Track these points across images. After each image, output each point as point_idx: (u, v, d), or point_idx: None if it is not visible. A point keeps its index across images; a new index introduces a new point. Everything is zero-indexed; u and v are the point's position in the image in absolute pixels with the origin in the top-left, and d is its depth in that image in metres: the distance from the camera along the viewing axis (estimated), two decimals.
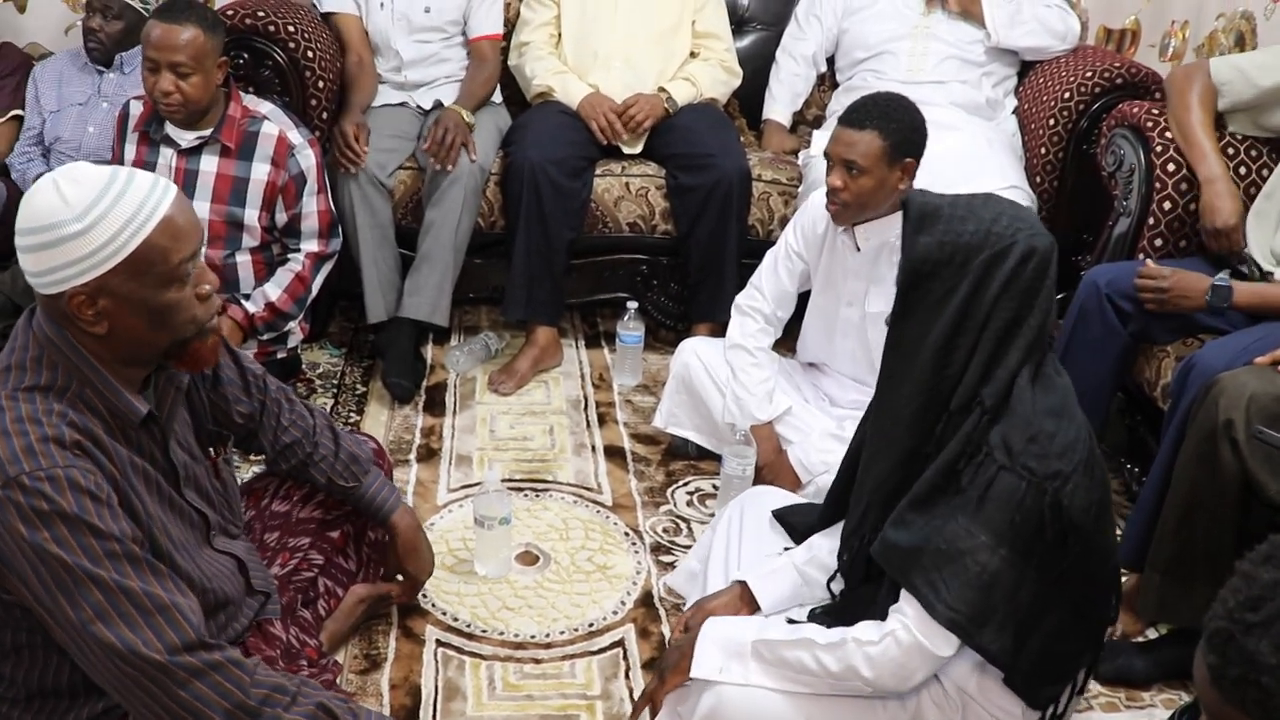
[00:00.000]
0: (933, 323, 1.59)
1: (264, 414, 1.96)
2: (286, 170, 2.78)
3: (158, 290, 1.49)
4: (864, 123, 2.35)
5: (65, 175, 1.46)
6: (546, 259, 3.07)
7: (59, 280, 1.44)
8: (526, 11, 3.39)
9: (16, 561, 1.43)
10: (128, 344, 1.52)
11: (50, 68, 3.73)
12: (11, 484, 1.40)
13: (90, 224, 1.42)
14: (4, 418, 1.45)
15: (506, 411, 3.01)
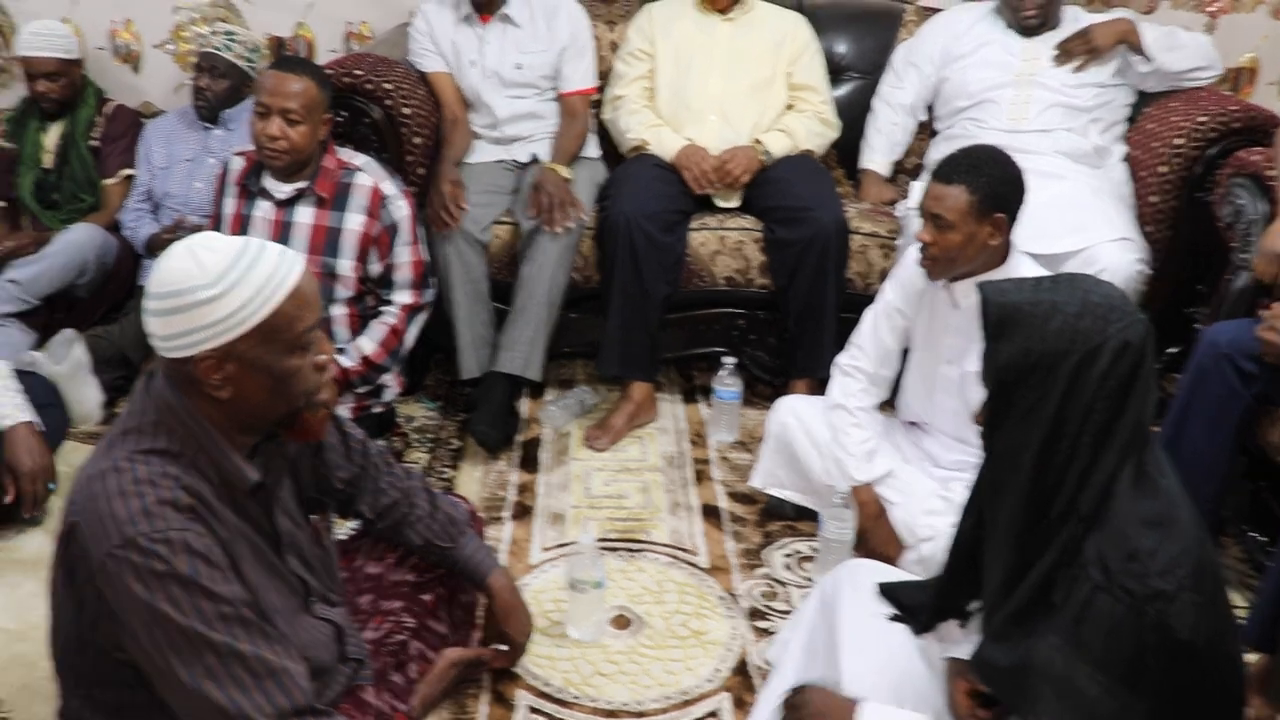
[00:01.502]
0: (1026, 433, 1.49)
1: (364, 478, 1.97)
2: (380, 221, 2.81)
3: (282, 357, 1.52)
4: (952, 177, 2.30)
5: (199, 243, 1.51)
6: (642, 314, 3.04)
7: (189, 344, 1.47)
8: (620, 66, 3.39)
9: (130, 620, 1.45)
10: (247, 410, 1.55)
11: (160, 125, 3.85)
12: (129, 544, 1.43)
13: (225, 290, 1.46)
14: (123, 479, 1.47)
15: (601, 468, 2.98)
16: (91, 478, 1.50)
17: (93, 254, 3.56)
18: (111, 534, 1.44)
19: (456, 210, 2.99)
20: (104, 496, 1.46)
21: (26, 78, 3.73)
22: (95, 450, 1.58)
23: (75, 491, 1.53)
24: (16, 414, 2.62)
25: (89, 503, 1.47)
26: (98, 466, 1.51)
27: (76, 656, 1.61)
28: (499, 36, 3.27)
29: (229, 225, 2.86)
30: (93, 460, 1.54)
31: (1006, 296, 1.53)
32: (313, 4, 3.98)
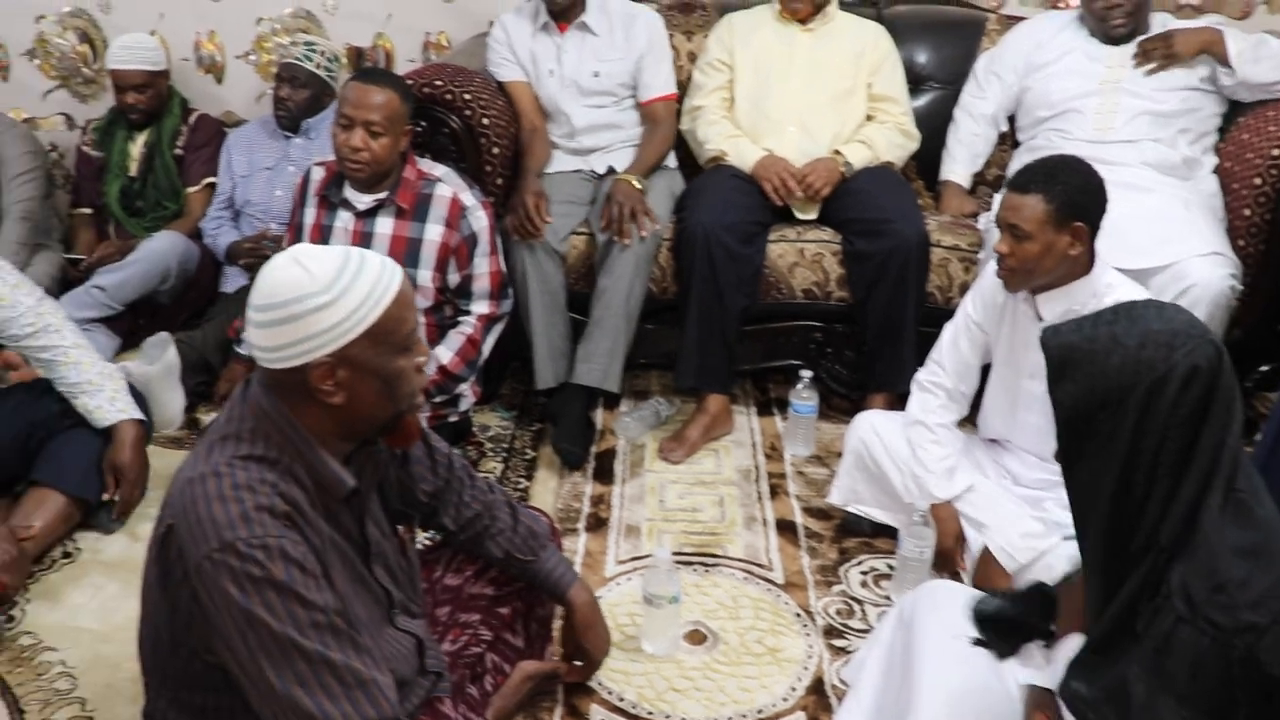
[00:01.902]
0: (1102, 470, 1.44)
1: (448, 490, 1.97)
2: (459, 231, 2.82)
3: (391, 359, 1.54)
4: (1028, 186, 2.27)
5: (302, 253, 1.53)
6: (719, 326, 3.02)
7: (301, 353, 1.49)
8: (699, 76, 3.38)
9: (224, 623, 1.47)
10: (356, 415, 1.57)
11: (242, 134, 3.90)
12: (227, 548, 1.44)
13: (338, 295, 1.48)
14: (222, 484, 1.49)
15: (676, 481, 2.96)
16: (190, 481, 1.51)
17: (175, 261, 3.63)
18: (210, 538, 1.45)
19: (540, 222, 2.99)
20: (203, 500, 1.48)
21: (115, 90, 3.81)
22: (193, 454, 1.60)
23: (173, 494, 1.54)
24: (131, 410, 2.67)
25: (188, 506, 1.49)
26: (196, 470, 1.52)
27: (167, 658, 1.63)
28: (577, 45, 3.27)
29: (309, 235, 2.89)
30: (191, 464, 1.56)
31: (1064, 337, 1.49)
32: (392, 15, 4.01)
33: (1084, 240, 2.28)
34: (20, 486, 2.70)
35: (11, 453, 2.66)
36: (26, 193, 3.78)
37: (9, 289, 2.61)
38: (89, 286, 3.53)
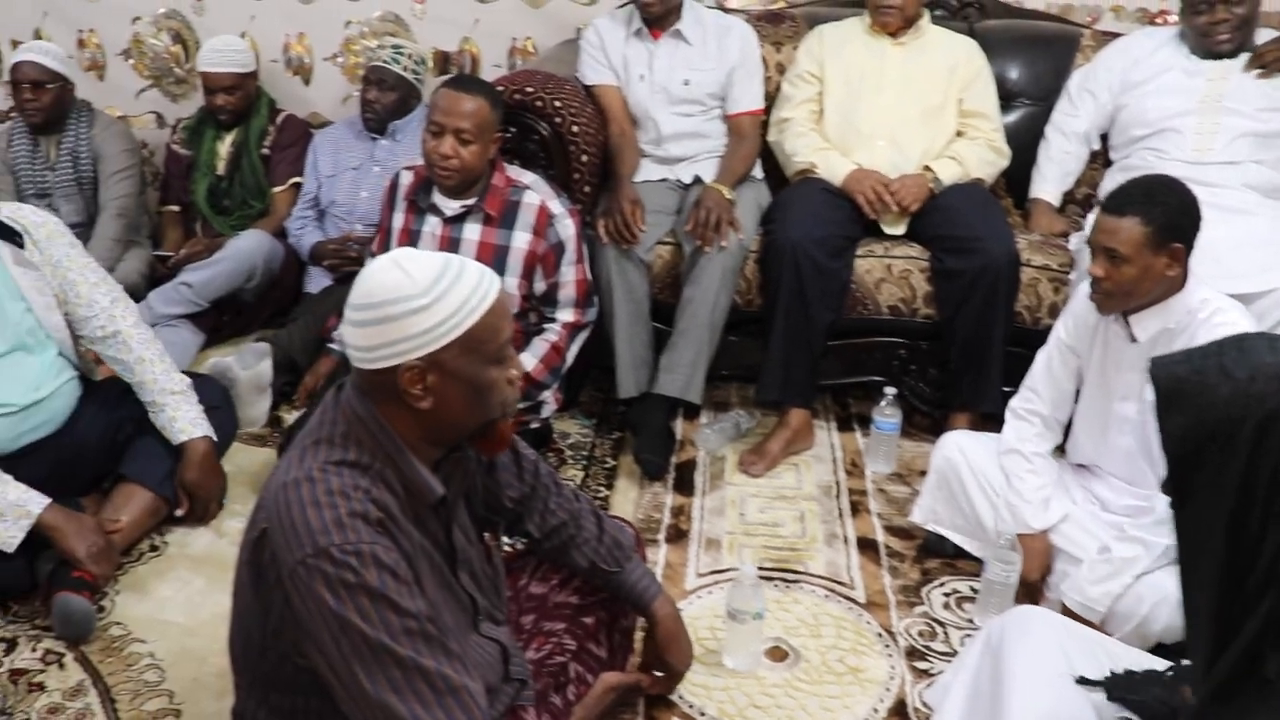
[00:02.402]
0: (1214, 504, 1.37)
1: (534, 498, 1.97)
2: (546, 239, 2.82)
3: (483, 368, 1.55)
4: (1125, 208, 2.23)
5: (403, 256, 1.54)
6: (805, 340, 3.00)
7: (394, 354, 1.50)
8: (788, 88, 3.36)
9: (317, 628, 1.47)
10: (444, 422, 1.57)
11: (328, 135, 3.95)
12: (322, 554, 1.45)
13: (435, 299, 1.49)
14: (315, 489, 1.49)
15: (756, 494, 2.94)
16: (285, 485, 1.52)
17: (261, 260, 3.67)
18: (304, 543, 1.46)
19: (637, 229, 2.98)
20: (297, 505, 1.49)
21: (204, 91, 3.87)
22: (286, 458, 1.61)
23: (266, 498, 1.55)
24: (193, 429, 2.69)
25: (281, 511, 1.50)
26: (290, 475, 1.53)
27: (257, 659, 1.64)
28: (669, 53, 3.27)
29: (397, 239, 2.91)
30: (285, 468, 1.57)
31: (1172, 369, 1.44)
32: (479, 20, 4.04)
33: (1181, 261, 2.24)
34: (107, 482, 2.74)
35: (100, 448, 2.70)
36: (123, 190, 3.85)
37: (89, 287, 2.64)
38: (176, 283, 3.58)
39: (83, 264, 2.65)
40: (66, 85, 3.80)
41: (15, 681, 2.25)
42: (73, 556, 2.42)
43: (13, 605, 2.46)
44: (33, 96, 3.73)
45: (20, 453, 2.56)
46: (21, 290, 2.53)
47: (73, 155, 3.85)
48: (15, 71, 3.73)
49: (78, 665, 2.30)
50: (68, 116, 3.84)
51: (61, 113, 3.81)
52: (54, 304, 2.59)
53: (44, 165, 3.86)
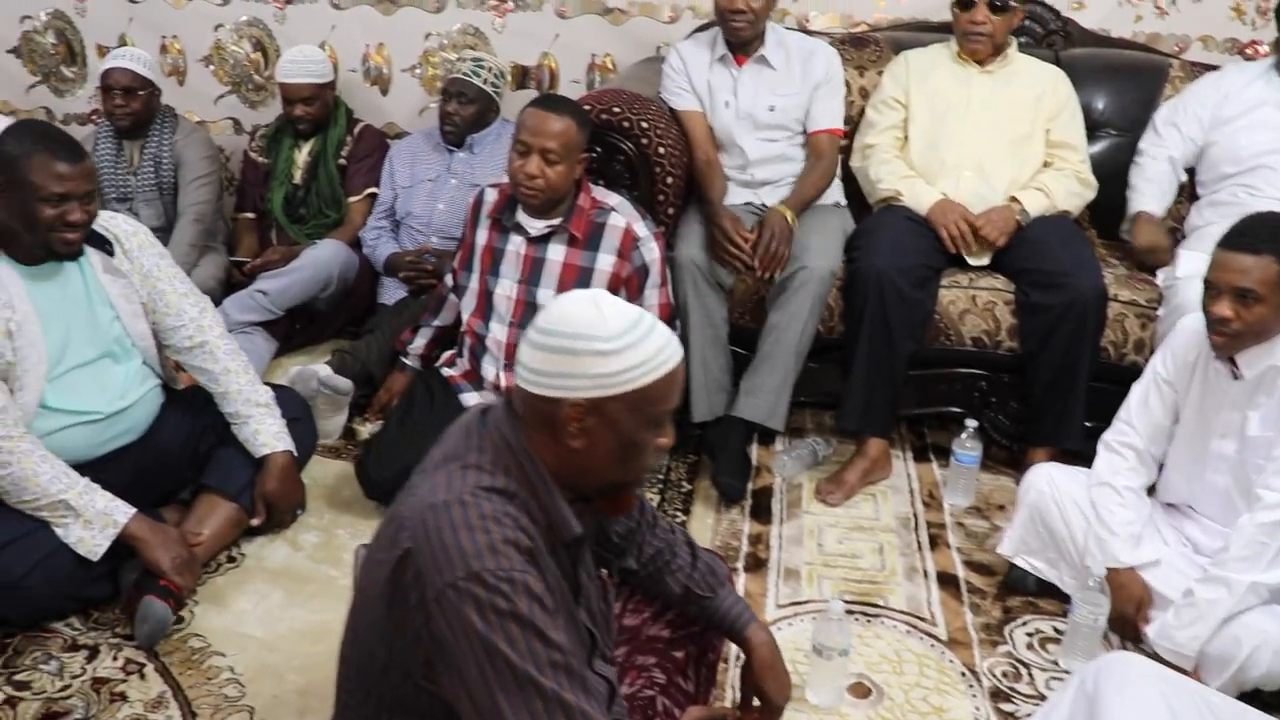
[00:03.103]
0: None
1: (636, 532, 1.95)
2: (630, 262, 2.81)
3: (640, 428, 1.54)
4: (1258, 247, 2.19)
5: (603, 298, 1.55)
6: (887, 370, 2.96)
7: (564, 388, 1.50)
8: (872, 113, 3.33)
9: (461, 652, 1.45)
10: (587, 468, 1.57)
11: (405, 146, 3.96)
12: (474, 578, 1.43)
13: (620, 348, 1.49)
14: (468, 513, 1.48)
15: (834, 524, 2.91)
16: (433, 507, 1.50)
17: (337, 270, 3.69)
18: (455, 566, 1.44)
19: (744, 242, 2.98)
20: (448, 528, 1.47)
21: (282, 101, 3.90)
22: (424, 479, 1.59)
23: (410, 519, 1.53)
24: (276, 443, 2.70)
25: (431, 532, 1.48)
26: (438, 497, 1.52)
27: (376, 678, 1.62)
28: (754, 78, 3.24)
29: (480, 257, 2.90)
30: (429, 489, 1.55)
31: None
32: (559, 35, 4.04)
33: None
34: (186, 493, 2.75)
35: (181, 457, 2.72)
36: (202, 196, 3.89)
37: (178, 297, 2.66)
38: (252, 290, 3.60)
39: (171, 274, 2.67)
40: (155, 91, 3.86)
41: (97, 690, 2.26)
42: (157, 568, 2.43)
43: (94, 613, 2.48)
44: (123, 102, 3.79)
45: (103, 460, 2.58)
46: (110, 298, 2.55)
47: (155, 160, 3.89)
48: (107, 77, 3.79)
49: (158, 676, 2.31)
50: (153, 122, 3.89)
51: (148, 118, 3.87)
52: (141, 312, 2.61)
53: (126, 169, 3.91)
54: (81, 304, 2.51)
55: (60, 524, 2.39)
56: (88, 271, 2.51)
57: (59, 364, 2.47)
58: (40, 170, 2.30)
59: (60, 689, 2.26)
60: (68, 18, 4.51)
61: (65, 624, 2.44)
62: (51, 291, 2.45)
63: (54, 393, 2.47)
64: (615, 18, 3.96)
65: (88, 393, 2.53)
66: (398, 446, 2.78)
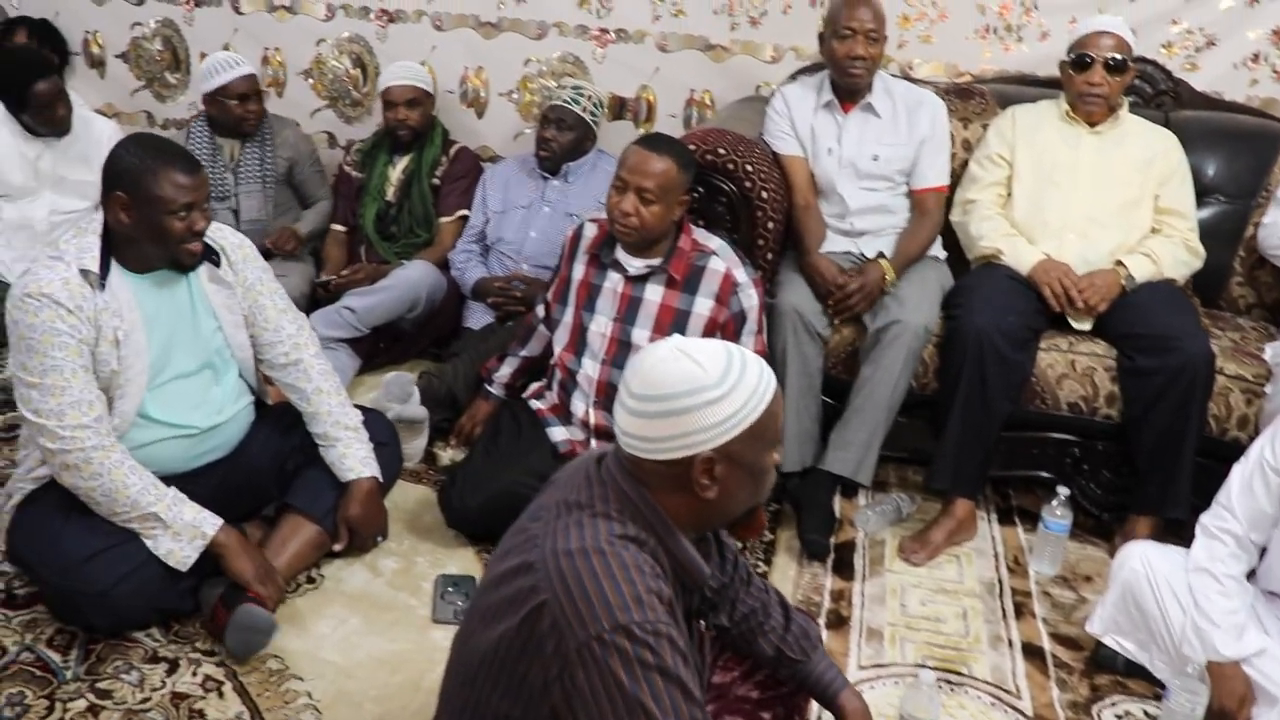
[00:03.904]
0: None
1: (730, 586, 1.92)
2: (729, 307, 2.78)
3: (763, 454, 1.55)
4: None
5: (687, 345, 1.54)
6: (980, 431, 2.90)
7: (687, 446, 1.50)
8: (975, 168, 3.28)
9: (600, 704, 1.44)
10: (719, 509, 1.57)
11: (499, 171, 3.97)
12: (620, 630, 1.42)
13: (729, 390, 1.49)
14: (609, 562, 1.47)
15: (917, 585, 2.85)
16: (569, 555, 1.49)
17: (425, 291, 3.69)
18: (600, 618, 1.42)
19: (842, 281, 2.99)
20: (590, 577, 1.46)
21: (385, 107, 3.92)
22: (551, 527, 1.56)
23: (543, 568, 1.51)
24: (362, 468, 2.70)
25: (571, 582, 1.46)
26: (574, 544, 1.50)
27: None
28: (859, 126, 3.21)
29: (575, 292, 2.89)
30: (560, 537, 1.53)
31: None
32: (659, 68, 4.03)
33: None
34: (269, 509, 2.76)
35: (267, 475, 2.72)
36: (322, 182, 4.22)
37: (277, 313, 2.67)
38: (339, 307, 3.62)
39: (273, 289, 2.68)
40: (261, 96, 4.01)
41: (176, 705, 2.26)
42: (241, 578, 2.44)
43: (175, 625, 2.48)
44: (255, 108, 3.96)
45: (191, 473, 2.59)
46: (214, 307, 2.56)
47: (259, 156, 4.01)
48: (230, 89, 3.88)
49: (236, 696, 2.30)
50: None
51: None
52: (242, 323, 2.62)
53: (224, 168, 3.97)
54: (186, 314, 2.52)
55: (150, 535, 2.40)
56: (194, 281, 2.53)
57: (160, 374, 2.48)
58: (167, 183, 2.33)
59: (140, 701, 2.27)
60: (176, 26, 4.59)
61: (147, 634, 2.45)
62: (159, 300, 2.47)
63: (153, 403, 2.49)
64: (717, 54, 3.95)
65: (185, 406, 2.55)
66: (482, 477, 2.77)
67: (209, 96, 3.90)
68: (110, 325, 2.37)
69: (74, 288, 2.33)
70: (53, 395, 2.32)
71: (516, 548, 1.61)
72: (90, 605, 2.37)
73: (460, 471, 2.85)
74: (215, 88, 3.87)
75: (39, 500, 2.46)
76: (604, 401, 2.81)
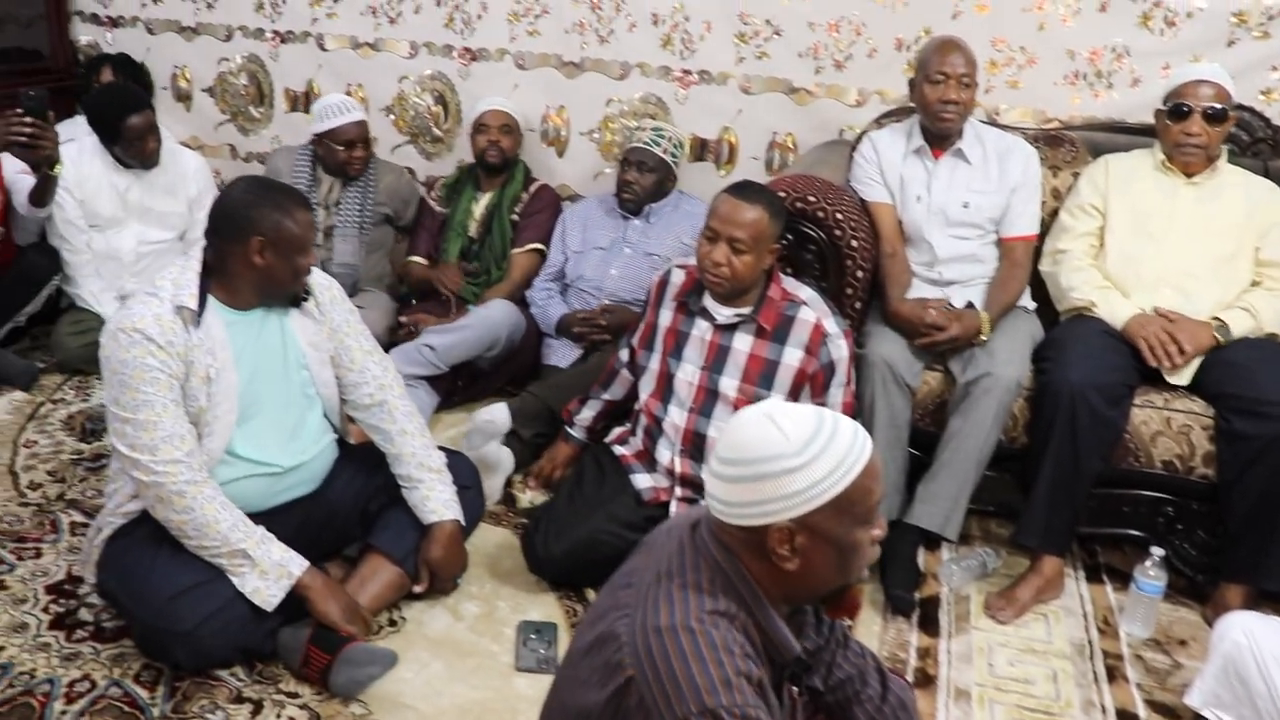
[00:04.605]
0: None
1: (825, 650, 1.89)
2: (818, 359, 2.74)
3: (852, 529, 1.50)
4: None
5: (777, 411, 1.51)
6: (1070, 488, 2.83)
7: (764, 513, 1.47)
8: (1067, 218, 3.21)
9: None
10: (805, 583, 1.53)
11: (579, 210, 3.98)
12: (708, 713, 1.40)
13: (810, 459, 1.46)
14: (699, 642, 1.45)
15: (1005, 644, 2.78)
16: (659, 632, 1.47)
17: (506, 331, 3.70)
18: (689, 700, 1.40)
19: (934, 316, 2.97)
20: (678, 657, 1.44)
21: (477, 131, 3.99)
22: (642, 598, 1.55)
23: (631, 643, 1.49)
24: (445, 511, 2.69)
25: (659, 662, 1.44)
26: (661, 621, 1.48)
27: None
28: (949, 173, 3.18)
29: (663, 338, 2.87)
30: (650, 611, 1.51)
31: None
32: (742, 110, 4.01)
33: None
34: (351, 549, 2.76)
35: (350, 515, 2.73)
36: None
37: (363, 354, 2.68)
38: (419, 344, 3.63)
39: (359, 330, 2.69)
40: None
41: None
42: (327, 619, 2.43)
43: (258, 665, 2.48)
44: (361, 154, 4.01)
45: (272, 510, 2.59)
46: (302, 345, 2.58)
47: (360, 199, 4.03)
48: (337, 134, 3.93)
49: None
50: None
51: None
52: (328, 362, 2.63)
53: (319, 204, 4.01)
54: (276, 352, 2.54)
55: (237, 573, 2.40)
56: (285, 321, 2.55)
57: (248, 411, 2.50)
58: (300, 224, 2.41)
59: None
60: (261, 61, 4.66)
61: (231, 674, 2.44)
62: (250, 337, 2.49)
63: (239, 440, 2.50)
64: (800, 97, 3.93)
65: (270, 444, 2.56)
66: (566, 524, 2.75)
67: (318, 137, 3.96)
68: (202, 362, 2.39)
69: (166, 324, 2.35)
70: (145, 430, 2.34)
71: (607, 614, 1.59)
72: (176, 643, 2.37)
73: (543, 517, 2.83)
74: (325, 130, 3.92)
75: (128, 535, 2.48)
76: (690, 450, 2.79)
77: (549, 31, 4.18)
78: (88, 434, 3.50)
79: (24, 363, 3.86)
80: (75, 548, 2.85)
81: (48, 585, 2.71)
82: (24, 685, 2.38)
